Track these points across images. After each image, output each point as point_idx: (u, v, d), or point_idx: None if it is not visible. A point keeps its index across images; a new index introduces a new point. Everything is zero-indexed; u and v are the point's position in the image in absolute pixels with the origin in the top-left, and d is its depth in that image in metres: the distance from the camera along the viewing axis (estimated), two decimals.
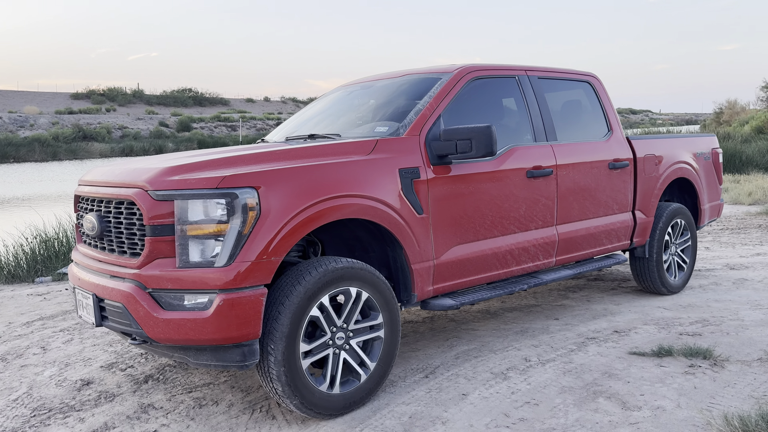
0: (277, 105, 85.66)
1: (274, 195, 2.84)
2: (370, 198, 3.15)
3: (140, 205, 2.83)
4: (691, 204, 5.61)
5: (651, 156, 4.97)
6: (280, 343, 2.86)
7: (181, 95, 75.64)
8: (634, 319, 4.56)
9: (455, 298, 3.63)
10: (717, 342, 3.92)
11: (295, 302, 2.88)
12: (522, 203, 3.92)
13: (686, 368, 3.52)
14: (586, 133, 4.61)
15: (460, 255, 3.59)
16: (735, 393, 3.17)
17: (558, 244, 4.18)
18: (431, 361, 3.80)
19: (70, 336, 4.75)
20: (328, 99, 4.61)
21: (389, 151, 3.34)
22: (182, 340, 2.79)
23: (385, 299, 3.22)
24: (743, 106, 39.03)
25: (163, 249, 2.82)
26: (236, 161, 3.00)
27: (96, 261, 3.21)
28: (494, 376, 3.53)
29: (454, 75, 3.84)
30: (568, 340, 4.12)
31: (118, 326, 2.99)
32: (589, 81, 4.82)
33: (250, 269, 2.76)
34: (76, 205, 3.59)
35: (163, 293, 2.81)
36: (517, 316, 4.75)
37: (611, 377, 3.44)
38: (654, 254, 5.02)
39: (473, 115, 3.86)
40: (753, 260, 6.45)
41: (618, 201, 4.68)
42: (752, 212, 9.85)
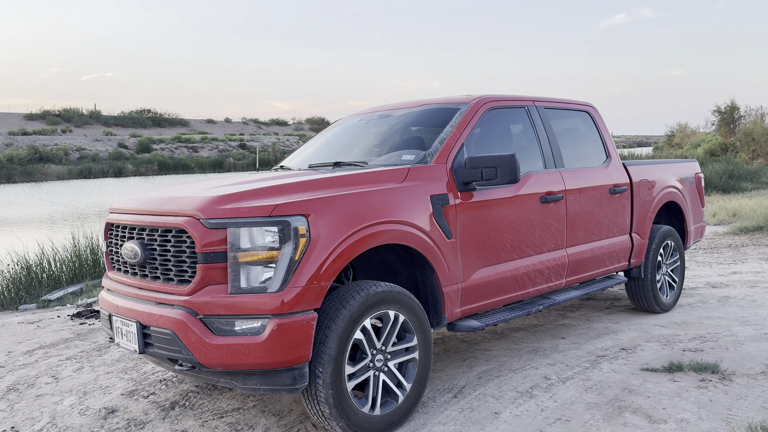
0: (239, 126, 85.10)
1: (323, 222, 2.94)
2: (407, 224, 3.28)
3: (192, 233, 2.88)
4: (678, 226, 5.91)
5: (645, 181, 5.24)
6: (328, 366, 2.94)
7: (139, 116, 74.50)
8: (636, 336, 4.77)
9: (480, 320, 3.76)
10: (720, 357, 4.15)
11: (341, 326, 2.97)
12: (537, 227, 4.11)
13: (698, 382, 3.73)
14: (588, 160, 4.84)
15: (484, 278, 3.74)
16: (748, 405, 3.38)
17: (568, 266, 4.38)
18: (455, 381, 3.92)
19: (79, 364, 4.69)
20: (344, 127, 4.73)
21: (420, 179, 3.48)
22: (234, 365, 2.85)
23: (419, 321, 3.33)
24: (693, 129, 40.76)
25: (214, 276, 2.88)
26: (283, 189, 3.09)
27: (137, 288, 3.23)
28: (520, 394, 3.66)
29: (473, 105, 4.02)
30: (580, 358, 4.29)
31: (165, 353, 3.01)
32: (588, 110, 5.09)
33: (302, 294, 2.85)
34: (107, 233, 3.61)
35: (214, 319, 2.86)
36: (524, 336, 4.91)
37: (631, 393, 3.62)
38: (649, 274, 5.28)
39: (491, 143, 4.05)
40: (731, 279, 6.79)
41: (618, 224, 4.92)
42: (720, 232, 10.33)
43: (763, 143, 24.01)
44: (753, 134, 25.13)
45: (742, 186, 17.72)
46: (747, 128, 26.90)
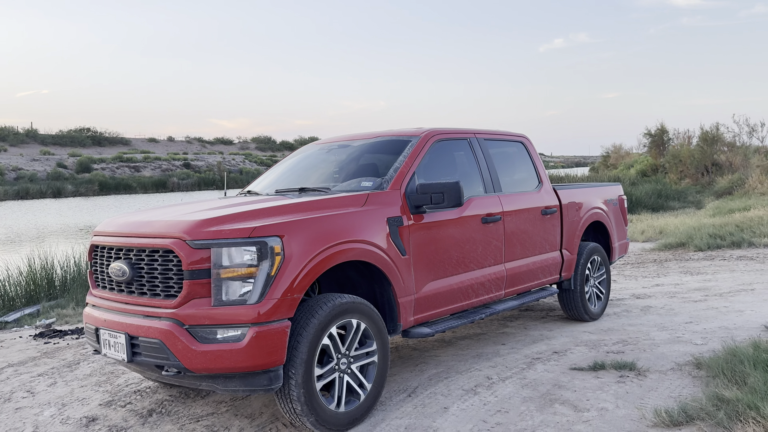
0: (182, 145, 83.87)
1: (295, 242, 3.38)
2: (368, 243, 3.75)
3: (179, 253, 3.27)
4: (604, 243, 6.59)
5: (573, 203, 5.89)
6: (300, 368, 3.36)
7: (78, 135, 72.51)
8: (567, 341, 5.36)
9: (431, 327, 4.26)
10: (637, 357, 4.77)
11: (311, 333, 3.40)
12: (479, 245, 4.65)
13: (618, 378, 4.31)
14: (523, 185, 5.44)
15: (434, 289, 4.24)
16: (658, 395, 3.98)
17: (506, 279, 4.93)
18: (409, 383, 4.39)
19: (52, 380, 4.92)
20: (306, 155, 5.19)
21: (378, 203, 3.97)
22: (217, 369, 3.23)
23: (378, 329, 3.79)
24: (627, 150, 42.95)
25: (198, 290, 3.27)
26: (259, 214, 3.52)
27: (124, 303, 3.57)
28: (466, 392, 4.16)
29: (422, 137, 4.55)
30: (518, 360, 4.83)
31: (153, 360, 3.36)
32: (522, 141, 5.71)
33: (278, 305, 3.27)
34: (92, 254, 3.93)
35: (199, 329, 3.25)
36: (469, 343, 5.43)
37: (561, 388, 4.17)
38: (578, 286, 5.91)
39: (438, 171, 4.58)
40: (654, 290, 7.54)
41: (549, 241, 5.52)
42: (647, 248, 11.23)
43: (690, 164, 25.69)
44: (680, 156, 26.86)
45: (670, 205, 18.98)
46: (675, 150, 28.71)
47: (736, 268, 8.81)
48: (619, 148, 44.09)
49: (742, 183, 19.88)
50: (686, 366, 4.49)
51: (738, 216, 13.16)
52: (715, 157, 24.85)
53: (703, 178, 24.61)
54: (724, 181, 21.37)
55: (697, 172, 25.18)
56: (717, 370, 4.08)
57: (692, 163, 25.45)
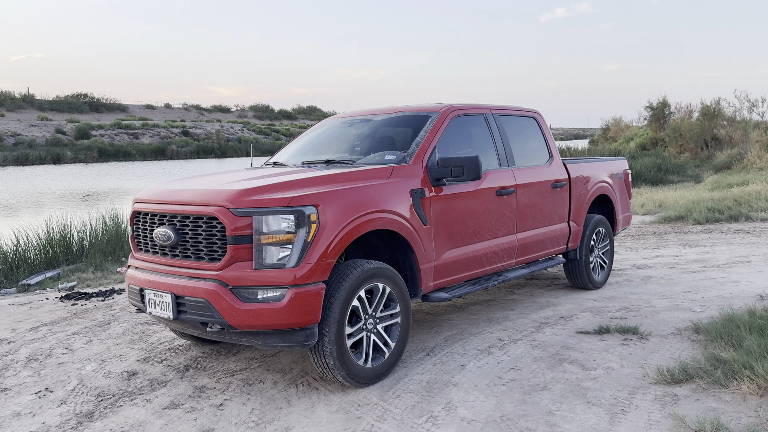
0: (179, 112, 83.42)
1: (329, 211, 3.64)
2: (393, 213, 4.02)
3: (223, 220, 3.53)
4: (608, 215, 6.86)
5: (581, 177, 6.15)
6: (333, 327, 3.65)
7: (76, 101, 72.04)
8: (573, 308, 5.67)
9: (448, 292, 4.55)
10: (640, 322, 5.08)
11: (343, 295, 3.68)
12: (493, 216, 4.91)
13: (622, 341, 4.63)
14: (534, 159, 5.69)
15: (452, 257, 4.52)
16: (659, 356, 4.30)
17: (518, 249, 5.21)
18: (426, 344, 4.70)
19: (87, 338, 5.22)
20: (327, 128, 5.42)
21: (402, 176, 4.22)
22: (259, 325, 3.52)
23: (401, 292, 4.08)
24: (627, 123, 43.07)
25: (241, 254, 3.54)
26: (295, 185, 3.77)
27: (168, 266, 3.85)
28: (480, 352, 4.48)
29: (442, 113, 4.78)
30: (527, 325, 5.15)
31: (198, 318, 3.65)
32: (534, 116, 5.93)
33: (313, 269, 3.54)
34: (134, 220, 4.19)
35: (242, 289, 3.53)
36: (480, 309, 5.74)
37: (569, 349, 4.49)
38: (583, 256, 6.20)
39: (456, 145, 4.82)
40: (654, 261, 7.85)
41: (558, 213, 5.80)
42: (647, 221, 11.52)
43: (689, 138, 25.87)
44: (681, 130, 27.03)
45: (669, 179, 19.23)
46: (675, 124, 28.87)
47: (734, 241, 9.12)
48: (619, 120, 44.18)
49: (741, 158, 20.11)
50: (685, 331, 4.80)
51: (736, 190, 13.44)
52: (715, 132, 25.02)
53: (703, 152, 24.82)
54: (723, 155, 21.58)
55: (697, 146, 25.38)
56: (715, 334, 4.39)
57: (692, 137, 25.63)
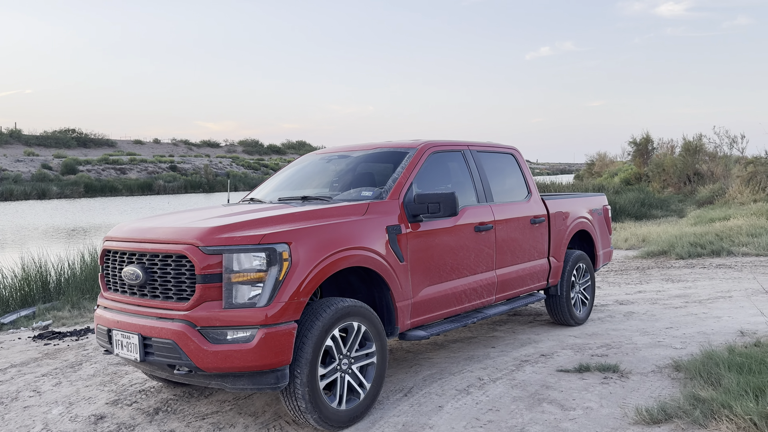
0: (168, 147, 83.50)
1: (302, 249, 3.59)
2: (369, 249, 3.97)
3: (192, 258, 3.46)
4: (589, 251, 6.85)
5: (560, 213, 6.15)
6: (305, 368, 3.56)
7: (63, 136, 71.94)
8: (554, 345, 5.61)
9: (426, 330, 4.47)
10: (621, 360, 5.02)
11: (316, 334, 3.60)
12: (472, 252, 4.88)
13: (602, 380, 4.56)
14: (513, 195, 5.69)
15: (429, 294, 4.46)
16: (639, 395, 4.23)
17: (497, 285, 5.17)
18: (404, 383, 4.60)
19: (56, 380, 5.07)
20: (306, 164, 5.40)
21: (378, 212, 4.19)
22: (228, 368, 3.42)
23: (377, 331, 4.00)
24: (612, 158, 43.62)
25: (210, 293, 3.46)
26: (267, 222, 3.72)
27: (136, 306, 3.75)
28: (459, 392, 4.38)
29: (419, 149, 4.78)
30: (508, 362, 5.07)
31: (165, 360, 3.55)
32: (512, 153, 5.96)
33: (285, 308, 3.47)
34: (104, 259, 4.10)
35: (210, 330, 3.44)
36: (461, 346, 5.66)
37: (548, 388, 4.41)
38: (564, 292, 6.16)
39: (434, 181, 4.81)
40: (636, 297, 7.82)
41: (538, 249, 5.77)
42: (630, 256, 11.54)
43: (672, 173, 26.20)
44: (663, 165, 27.39)
45: (653, 213, 19.39)
46: (658, 159, 29.26)
47: (715, 276, 9.13)
48: (604, 156, 44.76)
49: (722, 193, 20.34)
50: (666, 369, 4.75)
51: (718, 225, 13.54)
52: (697, 167, 25.37)
53: (686, 187, 25.11)
54: (705, 190, 21.84)
55: (680, 181, 25.69)
56: (694, 372, 4.33)
57: (675, 172, 25.96)
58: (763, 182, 18.83)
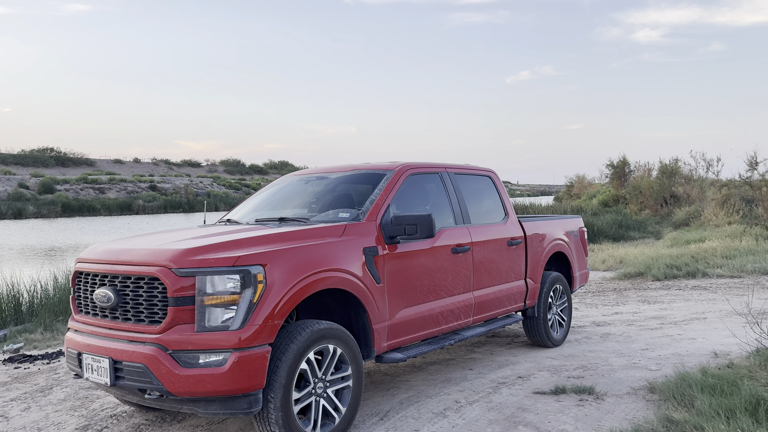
0: (148, 167, 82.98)
1: (277, 271, 3.57)
2: (345, 271, 3.96)
3: (164, 281, 3.42)
4: (565, 272, 6.90)
5: (537, 234, 6.20)
6: (278, 392, 3.52)
7: (41, 155, 71.19)
8: (531, 367, 5.61)
9: (403, 352, 4.46)
10: (596, 382, 5.03)
11: (290, 357, 3.57)
12: (449, 273, 4.89)
13: (577, 402, 4.57)
14: (490, 217, 5.73)
15: (406, 316, 4.45)
16: (614, 417, 4.24)
17: (474, 306, 5.17)
18: (381, 407, 4.56)
19: (26, 404, 4.95)
20: (284, 185, 5.39)
21: (355, 234, 4.19)
22: (199, 392, 3.37)
23: (353, 354, 3.98)
24: (590, 181, 44.22)
25: (183, 316, 3.42)
26: (242, 243, 3.70)
27: (107, 329, 3.69)
28: (435, 415, 4.36)
29: (396, 171, 4.81)
30: (485, 385, 5.06)
31: (136, 384, 3.49)
32: (489, 175, 6.01)
33: (259, 331, 3.44)
34: (75, 281, 4.04)
35: (182, 354, 3.39)
36: (439, 368, 5.64)
37: (524, 411, 4.40)
38: (541, 314, 6.18)
39: (411, 203, 4.83)
40: (613, 318, 7.88)
41: (515, 271, 5.80)
42: (607, 277, 11.64)
43: (649, 196, 26.59)
44: (641, 187, 27.79)
45: (630, 235, 19.59)
46: (636, 182, 29.69)
47: (691, 297, 9.24)
48: (583, 178, 45.37)
49: (698, 215, 20.67)
50: (641, 390, 4.77)
51: (694, 247, 13.73)
52: (674, 189, 25.79)
53: (662, 209, 25.48)
54: (681, 212, 22.17)
55: (657, 204, 26.06)
56: (668, 394, 4.36)
57: (652, 194, 26.35)
58: (737, 205, 19.17)
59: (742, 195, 19.91)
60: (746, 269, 11.21)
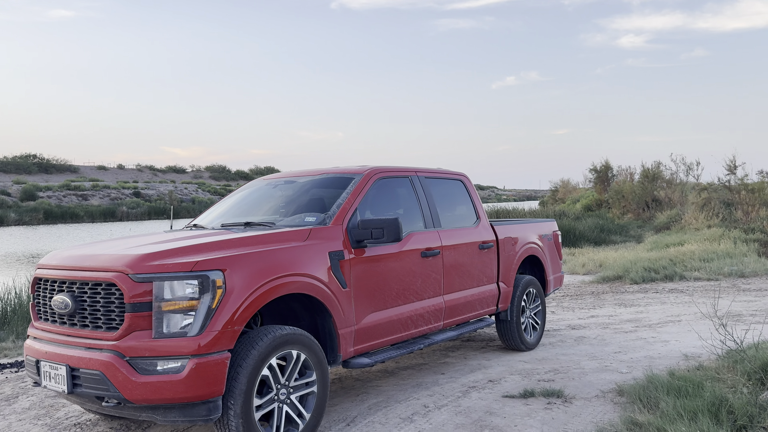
0: (133, 173, 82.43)
1: (237, 276, 3.53)
2: (309, 276, 3.93)
3: (121, 286, 3.37)
4: (539, 276, 6.91)
5: (509, 238, 6.20)
6: (239, 399, 3.47)
7: (24, 161, 70.47)
8: (503, 370, 5.60)
9: (370, 357, 4.43)
10: (566, 385, 5.03)
11: (251, 364, 3.52)
12: (418, 277, 4.87)
13: (545, 405, 4.56)
14: (461, 221, 5.72)
15: (374, 321, 4.42)
16: (581, 420, 4.23)
17: (445, 311, 5.16)
18: (349, 413, 4.53)
19: None
20: (252, 190, 5.35)
21: (320, 238, 4.16)
22: (157, 399, 3.32)
23: (318, 359, 3.94)
24: (574, 185, 44.48)
25: (140, 323, 3.37)
26: (202, 248, 3.65)
27: (65, 335, 3.63)
28: (402, 420, 4.33)
29: (365, 175, 4.79)
30: (455, 389, 5.04)
31: (93, 391, 3.43)
32: (461, 179, 6.01)
33: (218, 337, 3.39)
34: (35, 287, 3.98)
35: (140, 360, 3.34)
36: (411, 373, 5.61)
37: (492, 414, 4.38)
38: (514, 317, 6.18)
39: (379, 207, 4.81)
40: (589, 321, 7.90)
41: (487, 274, 5.80)
42: (586, 281, 11.69)
43: (631, 200, 26.78)
44: (623, 192, 28.00)
45: (612, 239, 19.70)
46: (618, 186, 29.91)
47: (667, 300, 9.29)
48: (567, 183, 45.63)
49: (679, 219, 20.84)
50: (609, 393, 4.78)
51: (673, 250, 13.83)
52: (656, 193, 25.99)
53: (644, 213, 25.67)
54: (663, 216, 22.34)
55: (639, 207, 26.26)
56: (635, 396, 4.37)
57: (634, 198, 26.55)
58: (717, 208, 19.36)
59: (722, 198, 20.12)
60: (723, 272, 11.31)
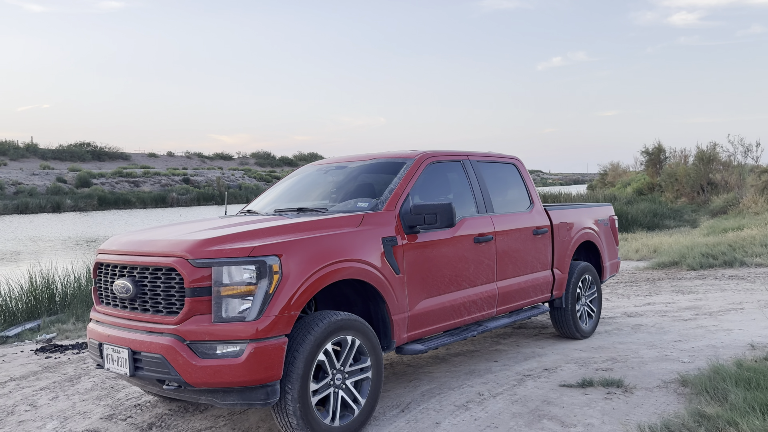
0: (182, 160, 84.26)
1: (293, 261, 3.53)
2: (363, 262, 3.90)
3: (181, 271, 3.41)
4: (595, 262, 6.73)
5: (564, 223, 6.04)
6: (296, 383, 3.48)
7: (78, 149, 72.82)
8: (558, 359, 5.48)
9: (423, 344, 4.38)
10: (625, 374, 4.89)
11: (307, 349, 3.53)
12: (471, 264, 4.79)
13: (605, 395, 4.44)
14: (514, 205, 5.59)
15: (427, 307, 4.37)
16: (643, 411, 4.10)
17: (498, 297, 5.07)
18: (402, 399, 4.51)
19: (54, 393, 5.03)
20: (304, 175, 5.35)
21: (373, 224, 4.12)
22: (217, 383, 3.36)
23: (372, 345, 3.92)
24: (624, 168, 43.29)
25: (199, 307, 3.40)
26: (259, 233, 3.66)
27: (127, 319, 3.71)
28: (457, 408, 4.28)
29: (417, 160, 4.72)
30: (509, 377, 4.95)
31: (154, 375, 3.49)
32: (514, 163, 5.87)
33: (275, 322, 3.40)
34: (96, 272, 4.07)
35: (199, 344, 3.38)
36: (462, 360, 5.55)
37: (549, 404, 4.29)
38: (569, 305, 6.04)
39: (432, 192, 4.74)
40: (645, 309, 7.67)
41: (541, 261, 5.67)
42: (640, 267, 11.36)
43: (686, 183, 25.91)
44: (676, 175, 27.11)
45: (665, 223, 19.14)
46: (671, 169, 28.97)
47: (727, 287, 8.95)
48: (617, 166, 44.42)
49: (736, 202, 20.07)
50: (672, 383, 4.61)
51: (731, 235, 13.31)
52: (711, 176, 25.06)
53: (699, 196, 24.81)
54: (719, 200, 21.55)
55: (693, 191, 25.39)
56: (701, 387, 4.20)
57: (688, 181, 25.67)
58: None
59: None
60: None
